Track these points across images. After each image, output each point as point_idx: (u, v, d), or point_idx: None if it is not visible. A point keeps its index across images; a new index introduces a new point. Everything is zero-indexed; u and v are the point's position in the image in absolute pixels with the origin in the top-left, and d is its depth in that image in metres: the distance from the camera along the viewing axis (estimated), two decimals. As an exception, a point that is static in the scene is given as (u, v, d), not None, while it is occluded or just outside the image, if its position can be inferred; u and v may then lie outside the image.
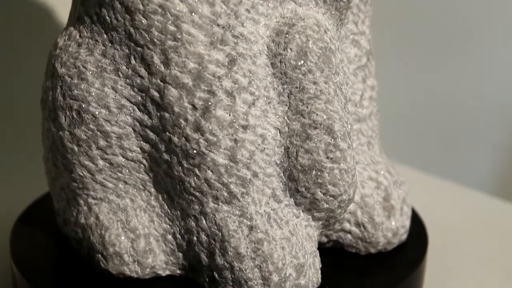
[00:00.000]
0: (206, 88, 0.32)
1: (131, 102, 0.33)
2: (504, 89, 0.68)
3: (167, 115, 0.32)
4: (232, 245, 0.32)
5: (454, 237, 0.49)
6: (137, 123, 0.33)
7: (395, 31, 0.71)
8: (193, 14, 0.31)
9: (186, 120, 0.32)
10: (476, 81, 0.69)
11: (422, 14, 0.70)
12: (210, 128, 0.32)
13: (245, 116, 0.32)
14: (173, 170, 0.33)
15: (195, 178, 0.32)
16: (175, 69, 0.31)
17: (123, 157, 0.34)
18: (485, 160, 0.70)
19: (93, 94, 0.33)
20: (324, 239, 0.38)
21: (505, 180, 0.69)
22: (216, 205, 0.33)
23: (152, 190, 0.35)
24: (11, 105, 0.61)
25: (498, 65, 0.68)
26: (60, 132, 0.34)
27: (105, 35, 0.33)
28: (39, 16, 0.61)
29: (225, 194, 0.32)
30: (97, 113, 0.33)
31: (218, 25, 0.32)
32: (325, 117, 0.33)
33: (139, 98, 0.33)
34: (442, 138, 0.73)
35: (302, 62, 0.33)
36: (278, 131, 0.33)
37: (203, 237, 0.33)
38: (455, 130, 0.72)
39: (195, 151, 0.32)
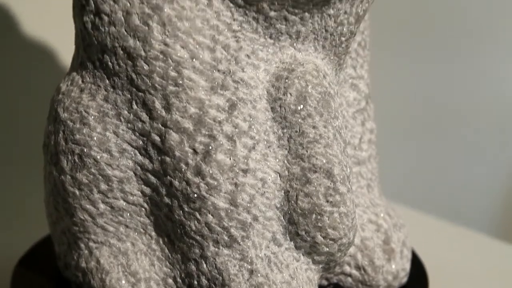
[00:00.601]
0: (206, 133, 0.32)
1: (132, 146, 0.33)
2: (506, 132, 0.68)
3: (168, 159, 0.32)
4: (232, 289, 0.32)
5: (455, 279, 0.49)
6: (138, 167, 0.33)
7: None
8: (194, 60, 0.32)
9: (187, 164, 0.32)
10: (476, 118, 0.70)
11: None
12: (210, 172, 0.32)
13: (246, 160, 0.32)
14: (174, 214, 0.33)
15: (196, 222, 0.33)
16: (176, 114, 0.32)
17: (124, 200, 0.34)
18: (485, 200, 0.70)
19: (95, 138, 0.33)
20: (325, 282, 0.38)
21: (506, 221, 0.69)
22: (216, 249, 0.33)
23: (153, 233, 0.35)
24: (12, 148, 0.61)
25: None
26: (62, 176, 0.34)
27: (107, 81, 0.33)
28: (42, 60, 0.62)
29: (226, 238, 0.33)
30: (98, 157, 0.33)
31: (218, 70, 0.32)
32: (324, 161, 0.33)
33: (141, 143, 0.33)
34: (442, 178, 0.73)
35: (302, 106, 0.33)
36: (278, 174, 0.33)
37: (204, 281, 0.33)
38: (455, 170, 0.72)
39: (195, 195, 0.32)
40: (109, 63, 0.33)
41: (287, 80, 0.33)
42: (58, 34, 0.61)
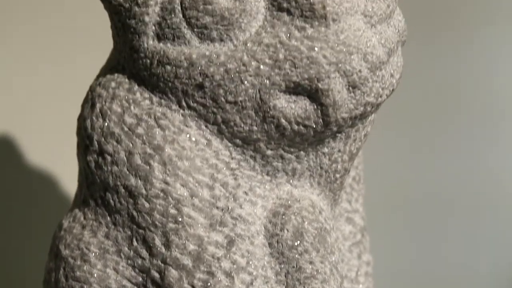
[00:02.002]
0: (205, 269, 0.32)
1: (132, 283, 0.34)
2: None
3: (167, 295, 0.33)
4: None
5: None
6: (137, 304, 0.34)
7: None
8: (193, 198, 0.33)
9: (185, 301, 0.32)
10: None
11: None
12: (209, 308, 0.32)
13: (244, 296, 0.33)
14: None
15: None
16: (175, 251, 0.33)
17: None
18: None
19: (95, 275, 0.34)
20: None
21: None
22: None
23: None
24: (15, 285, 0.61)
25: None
26: (61, 313, 0.35)
27: (108, 218, 0.34)
28: (44, 192, 0.63)
29: None
30: (98, 294, 0.34)
31: (217, 207, 0.33)
32: (322, 297, 0.33)
33: (140, 279, 0.33)
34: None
35: (299, 242, 0.34)
36: (276, 310, 0.34)
37: None
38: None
39: (194, 332, 0.32)
40: (111, 201, 0.34)
41: (284, 216, 0.34)
42: (61, 166, 0.62)
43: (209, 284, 0.32)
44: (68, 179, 0.59)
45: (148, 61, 0.33)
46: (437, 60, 0.70)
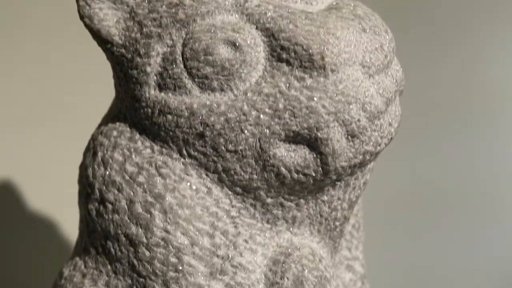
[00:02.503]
0: (205, 318, 0.32)
1: (132, 333, 0.34)
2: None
3: None
4: None
5: None
6: None
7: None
8: (194, 246, 0.33)
9: None
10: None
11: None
12: None
13: None
14: None
15: None
16: (176, 299, 0.33)
17: None
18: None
19: (95, 324, 0.34)
20: None
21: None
22: None
23: None
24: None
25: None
26: None
27: (109, 266, 0.34)
28: (45, 240, 0.63)
29: None
30: None
31: (217, 256, 0.33)
32: None
33: (140, 329, 0.33)
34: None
35: (299, 291, 0.34)
36: None
37: None
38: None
39: None
40: (112, 249, 0.34)
41: (284, 265, 0.34)
42: (62, 214, 0.62)
43: (209, 333, 0.32)
44: (69, 227, 0.59)
45: (150, 110, 0.34)
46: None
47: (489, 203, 0.70)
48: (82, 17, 0.34)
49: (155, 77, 0.34)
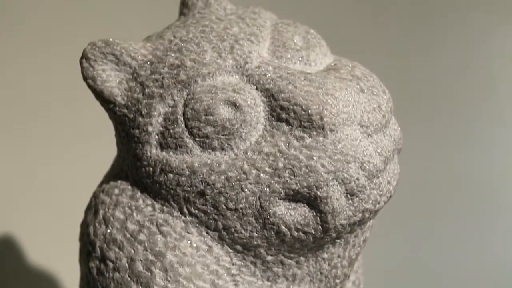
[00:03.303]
0: None
1: None
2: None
3: None
4: None
5: None
6: None
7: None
8: None
9: None
10: None
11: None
12: None
13: None
14: None
15: None
16: None
17: None
18: None
19: None
20: None
21: None
22: None
23: None
24: None
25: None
26: None
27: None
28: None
29: None
30: None
31: None
32: None
33: None
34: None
35: None
36: None
37: None
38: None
39: None
40: (112, 309, 0.34)
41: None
42: (63, 272, 0.62)
43: None
44: (70, 285, 0.59)
45: (151, 169, 0.34)
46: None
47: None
48: (85, 79, 0.35)
49: (156, 136, 0.34)
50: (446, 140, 0.72)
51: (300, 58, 0.35)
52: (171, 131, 0.34)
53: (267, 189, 0.32)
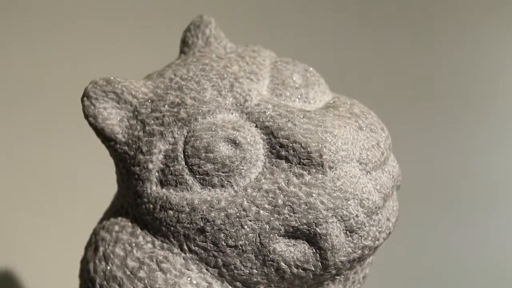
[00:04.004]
0: None
1: None
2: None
3: None
4: None
5: None
6: None
7: None
8: None
9: None
10: None
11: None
12: None
13: None
14: None
15: None
16: None
17: None
18: None
19: None
20: None
21: None
22: None
23: None
24: None
25: None
26: None
27: None
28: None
29: None
30: None
31: None
32: None
33: None
34: None
35: None
36: None
37: None
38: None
39: None
40: None
41: None
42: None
43: None
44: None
45: (151, 206, 0.34)
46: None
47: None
48: (86, 116, 0.35)
49: (157, 174, 0.34)
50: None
51: (299, 96, 0.35)
52: (171, 168, 0.34)
53: (267, 226, 0.33)
